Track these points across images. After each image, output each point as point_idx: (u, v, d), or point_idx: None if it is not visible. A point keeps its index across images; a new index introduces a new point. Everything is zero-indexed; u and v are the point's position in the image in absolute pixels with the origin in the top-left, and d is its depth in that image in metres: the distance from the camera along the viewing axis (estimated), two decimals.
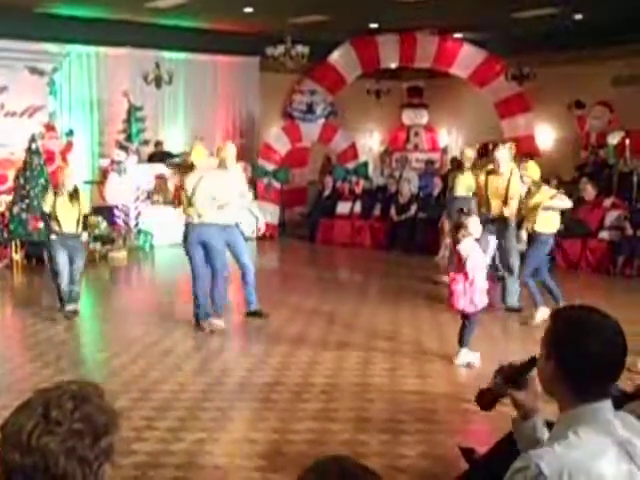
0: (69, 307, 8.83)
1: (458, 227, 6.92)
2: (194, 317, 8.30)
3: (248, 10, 14.30)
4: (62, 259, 8.84)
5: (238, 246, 8.68)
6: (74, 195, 8.85)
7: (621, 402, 3.29)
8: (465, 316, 6.90)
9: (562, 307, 2.18)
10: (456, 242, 6.93)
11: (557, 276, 11.78)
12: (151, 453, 4.88)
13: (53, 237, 8.90)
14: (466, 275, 6.74)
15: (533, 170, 8.89)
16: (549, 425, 2.26)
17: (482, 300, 6.85)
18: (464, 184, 10.82)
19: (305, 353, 7.36)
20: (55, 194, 8.84)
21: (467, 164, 11.05)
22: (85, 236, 9.26)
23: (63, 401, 1.63)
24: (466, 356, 6.89)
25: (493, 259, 9.78)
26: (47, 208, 8.95)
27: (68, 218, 8.79)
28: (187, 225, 8.19)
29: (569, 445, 1.97)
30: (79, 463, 1.61)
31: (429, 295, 10.01)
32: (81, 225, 8.95)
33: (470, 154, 11.17)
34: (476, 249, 6.85)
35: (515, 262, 9.09)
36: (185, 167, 8.62)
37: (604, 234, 12.05)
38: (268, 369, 6.86)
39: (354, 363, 7.02)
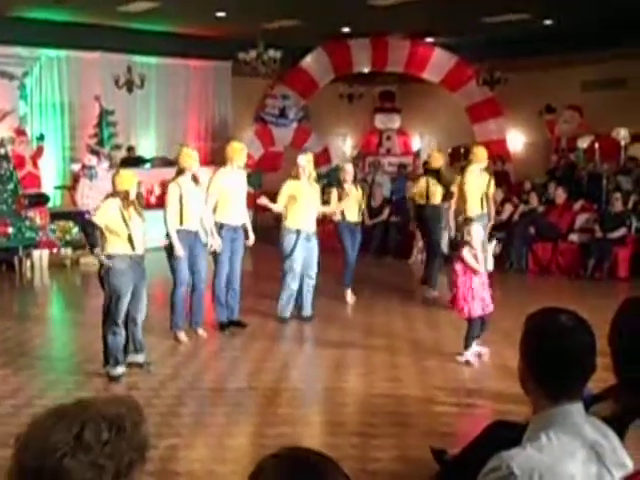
0: (138, 357, 6.90)
1: (461, 235, 7.10)
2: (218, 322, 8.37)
3: (220, 15, 14.28)
4: (128, 298, 6.58)
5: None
6: (138, 204, 6.72)
7: (590, 405, 3.33)
8: (468, 319, 7.03)
9: (534, 311, 2.20)
10: (460, 248, 7.06)
11: (528, 280, 11.94)
12: None
13: (122, 265, 6.49)
14: (465, 282, 6.90)
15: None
16: (523, 427, 2.28)
17: (481, 305, 6.95)
18: (440, 192, 10.29)
19: (278, 358, 7.35)
20: (123, 206, 6.46)
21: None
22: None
23: (100, 429, 1.54)
24: (467, 357, 7.02)
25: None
26: (102, 219, 6.48)
27: (139, 235, 6.59)
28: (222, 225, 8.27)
29: (540, 447, 1.99)
30: None
31: (402, 299, 10.04)
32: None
33: (439, 156, 10.83)
34: (477, 257, 6.93)
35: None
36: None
37: (574, 237, 12.18)
38: (241, 374, 6.85)
39: (327, 367, 7.03)
